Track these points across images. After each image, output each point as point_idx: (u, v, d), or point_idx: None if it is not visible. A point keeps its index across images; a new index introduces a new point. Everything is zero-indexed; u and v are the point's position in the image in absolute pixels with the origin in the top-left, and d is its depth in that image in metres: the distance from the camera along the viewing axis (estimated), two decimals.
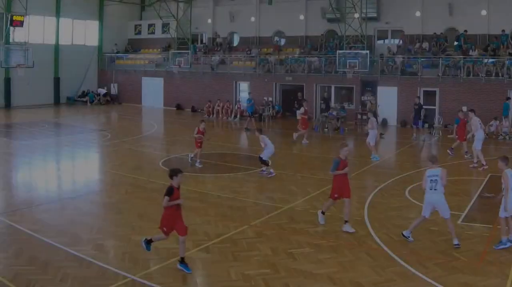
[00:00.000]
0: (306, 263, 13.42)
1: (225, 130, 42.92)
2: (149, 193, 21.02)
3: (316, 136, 37.89)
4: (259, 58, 52.17)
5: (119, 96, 64.34)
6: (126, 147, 32.04)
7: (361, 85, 45.46)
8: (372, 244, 15.04)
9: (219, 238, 15.40)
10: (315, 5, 52.45)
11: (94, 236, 15.53)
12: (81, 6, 62.08)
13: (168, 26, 60.52)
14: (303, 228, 16.40)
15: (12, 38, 50.53)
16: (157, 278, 12.59)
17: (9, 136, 37.04)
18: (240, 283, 12.36)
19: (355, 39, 46.73)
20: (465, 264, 13.49)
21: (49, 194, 21.26)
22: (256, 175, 24.51)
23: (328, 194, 17.27)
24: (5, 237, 15.39)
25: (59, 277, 12.42)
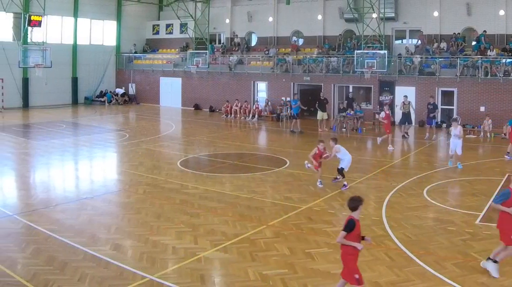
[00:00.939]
0: (324, 263, 13.43)
1: (243, 130, 42.74)
2: (167, 193, 21.01)
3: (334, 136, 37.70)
4: (277, 58, 52.13)
5: (137, 96, 64.47)
6: (144, 147, 32.05)
7: (379, 85, 45.39)
8: (390, 244, 15.03)
9: (237, 238, 15.38)
10: (333, 5, 52.60)
11: (112, 236, 15.58)
12: (99, 6, 62.31)
13: (186, 26, 60.69)
14: (321, 228, 16.39)
15: (30, 38, 50.83)
16: (175, 278, 12.57)
17: (27, 137, 37.14)
18: (258, 283, 12.37)
19: (373, 39, 46.75)
20: None
21: (67, 194, 21.28)
22: (274, 175, 24.52)
23: (346, 194, 17.31)
24: (23, 237, 15.41)
25: (77, 277, 12.46)
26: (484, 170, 24.93)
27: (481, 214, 17.86)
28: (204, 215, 17.71)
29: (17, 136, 36.43)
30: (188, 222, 16.90)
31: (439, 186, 22.23)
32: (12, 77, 53.49)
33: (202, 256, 13.92)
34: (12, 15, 51.91)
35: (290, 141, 36.65)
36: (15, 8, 48.19)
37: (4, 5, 46.01)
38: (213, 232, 15.91)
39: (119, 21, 65.85)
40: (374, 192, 21.34)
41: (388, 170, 25.89)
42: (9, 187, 22.80)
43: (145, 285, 12.20)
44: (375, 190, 21.69)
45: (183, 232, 15.92)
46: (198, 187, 21.88)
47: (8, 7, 46.77)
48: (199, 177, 24.03)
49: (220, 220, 17.25)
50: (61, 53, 56.84)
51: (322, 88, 47.85)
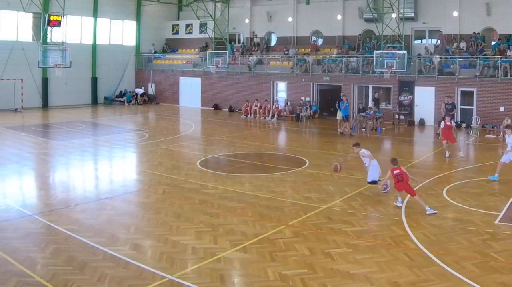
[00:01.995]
0: (344, 263, 13.40)
1: (263, 130, 42.73)
2: (186, 193, 21.03)
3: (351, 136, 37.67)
4: (297, 58, 52.13)
5: (156, 96, 64.59)
6: (164, 147, 32.07)
7: (399, 85, 45.27)
8: (410, 243, 14.98)
9: (257, 238, 15.39)
10: (353, 5, 52.61)
11: (131, 236, 15.62)
12: (118, 6, 62.58)
13: (205, 26, 60.77)
14: (340, 228, 16.36)
15: (49, 38, 50.99)
16: (194, 278, 12.58)
17: (47, 136, 37.33)
18: (278, 283, 12.35)
19: (392, 39, 46.65)
20: (503, 264, 13.39)
21: (86, 194, 21.35)
22: (293, 175, 24.54)
23: (365, 194, 17.39)
24: (43, 237, 15.46)
25: (96, 277, 12.49)
26: (503, 170, 24.73)
27: (501, 214, 17.79)
28: (224, 215, 17.72)
29: (37, 136, 36.58)
30: (208, 222, 16.90)
31: (459, 186, 22.17)
32: (31, 77, 53.75)
33: (221, 256, 13.91)
34: (31, 15, 52.18)
35: (310, 141, 36.74)
36: (35, 8, 48.35)
37: (23, 5, 46.12)
38: (233, 232, 15.92)
39: (138, 21, 66.07)
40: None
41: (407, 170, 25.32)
42: (28, 187, 22.95)
43: (164, 285, 12.19)
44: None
45: (202, 232, 15.93)
46: (218, 187, 21.89)
47: (28, 7, 46.91)
48: (218, 177, 24.05)
49: (239, 220, 17.25)
50: (81, 53, 57.11)
51: (342, 88, 47.82)
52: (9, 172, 24.82)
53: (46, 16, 48.01)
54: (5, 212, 18.11)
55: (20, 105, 51.79)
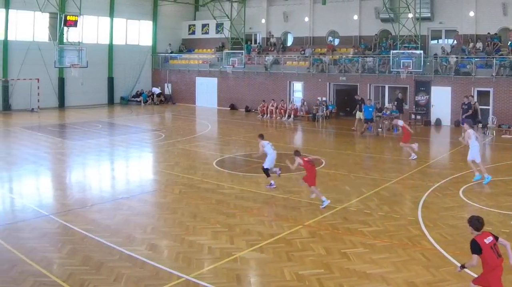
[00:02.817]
0: (360, 263, 13.41)
1: (279, 130, 42.68)
2: (202, 193, 21.08)
3: (369, 136, 37.79)
4: (313, 58, 52.02)
5: (173, 96, 64.65)
6: (180, 147, 32.10)
7: (415, 85, 45.15)
8: (426, 244, 14.99)
9: (273, 238, 15.42)
10: (369, 5, 52.45)
11: (148, 236, 15.68)
12: (135, 6, 62.77)
13: (222, 26, 60.63)
14: (357, 228, 16.37)
15: (66, 38, 50.89)
16: (211, 278, 12.62)
17: (63, 136, 37.51)
18: (294, 283, 12.37)
19: (409, 39, 46.47)
20: None
21: (103, 194, 21.48)
22: None
23: (382, 194, 17.46)
24: (59, 237, 15.51)
25: (113, 277, 12.54)
26: None
27: None
28: (240, 215, 17.77)
29: (53, 136, 36.73)
30: (224, 222, 16.96)
31: (475, 186, 22.14)
32: (48, 77, 53.95)
33: (238, 256, 13.96)
34: (48, 15, 52.33)
35: (326, 141, 36.71)
36: (51, 8, 48.32)
37: (40, 5, 46.18)
38: (249, 232, 15.97)
39: (155, 21, 66.16)
40: (410, 191, 21.38)
41: (424, 170, 25.77)
42: (45, 187, 23.09)
43: (181, 285, 12.24)
44: (411, 189, 21.70)
45: (219, 232, 15.98)
46: (234, 187, 21.98)
47: (44, 7, 46.93)
48: (235, 177, 24.15)
49: (256, 220, 17.32)
50: (97, 53, 57.18)
51: (358, 88, 47.85)
52: (26, 172, 24.95)
53: (63, 16, 47.97)
54: (21, 212, 18.26)
55: (36, 105, 51.93)
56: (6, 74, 51.78)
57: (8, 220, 17.17)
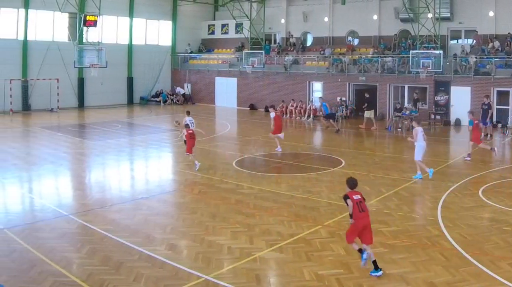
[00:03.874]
0: (380, 263, 13.24)
1: (299, 130, 42.67)
2: (222, 193, 21.09)
3: (389, 136, 37.86)
4: (333, 58, 52.01)
5: (192, 96, 64.76)
6: (200, 147, 31.64)
7: (435, 85, 45.02)
8: (446, 244, 14.95)
9: (293, 238, 15.40)
10: (389, 5, 52.38)
11: (167, 236, 15.70)
12: (154, 6, 62.98)
13: (241, 26, 60.70)
14: (376, 228, 16.13)
15: (85, 38, 51.15)
16: (230, 278, 12.61)
17: (83, 136, 37.63)
18: (314, 283, 12.36)
19: (428, 39, 46.33)
20: None
21: (122, 194, 21.56)
22: (329, 175, 24.59)
23: (401, 194, 18.28)
24: (78, 237, 15.58)
25: (132, 277, 12.57)
26: None
27: None
28: (260, 215, 17.76)
29: (73, 136, 36.90)
30: (244, 222, 16.97)
31: (495, 186, 22.06)
32: (67, 77, 54.25)
33: (257, 256, 13.98)
34: (67, 15, 52.56)
35: (345, 141, 36.67)
36: (71, 8, 48.51)
37: (59, 5, 46.34)
38: (269, 232, 15.96)
39: (174, 21, 66.29)
40: (429, 192, 21.33)
41: (443, 170, 25.74)
42: (64, 187, 23.19)
43: (200, 285, 12.26)
44: (430, 190, 21.65)
45: (238, 232, 16.00)
46: (254, 187, 21.95)
47: (64, 7, 47.11)
48: (254, 177, 24.13)
49: (275, 220, 17.28)
50: (117, 53, 57.42)
51: (378, 88, 47.98)
52: (45, 172, 25.07)
53: (82, 16, 48.18)
54: (41, 212, 18.33)
55: (56, 105, 52.23)
56: (25, 74, 51.98)
57: (27, 220, 17.21)
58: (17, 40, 51.52)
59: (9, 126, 42.36)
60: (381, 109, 47.43)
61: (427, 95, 45.84)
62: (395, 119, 40.52)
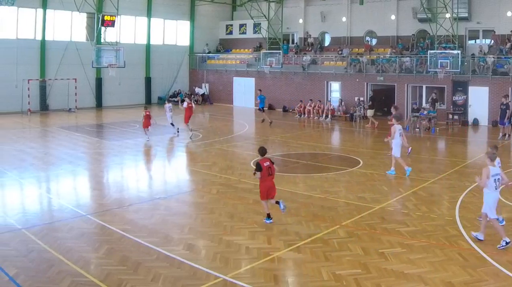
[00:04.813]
0: (398, 263, 13.38)
1: (316, 130, 42.58)
2: (240, 193, 21.14)
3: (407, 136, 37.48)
4: (350, 58, 51.97)
5: (210, 96, 64.83)
6: (217, 147, 32.16)
7: (452, 85, 44.93)
8: (464, 244, 14.92)
9: (310, 238, 15.39)
10: (407, 5, 52.33)
11: (185, 236, 15.72)
12: (172, 6, 63.03)
13: (259, 26, 60.76)
14: (394, 228, 16.33)
15: (103, 38, 51.54)
16: (248, 278, 12.63)
17: (101, 136, 37.70)
18: (332, 283, 12.35)
19: (446, 39, 46.33)
20: None
21: (140, 194, 21.51)
22: (347, 175, 24.52)
23: (419, 194, 18.36)
24: (96, 237, 15.62)
25: (150, 277, 12.59)
26: None
27: None
28: (278, 215, 17.64)
29: (91, 136, 37.03)
30: (261, 222, 16.97)
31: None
32: (85, 77, 54.45)
33: (275, 256, 13.98)
34: (85, 15, 52.51)
35: (364, 141, 36.70)
36: (89, 8, 48.62)
37: (77, 5, 46.31)
38: (286, 232, 15.96)
39: (192, 21, 66.42)
40: (447, 192, 21.24)
41: (461, 170, 25.69)
42: (82, 187, 23.20)
43: (218, 285, 12.26)
44: (448, 190, 21.56)
45: (256, 232, 16.01)
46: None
47: (82, 7, 47.13)
48: None
49: (293, 220, 17.27)
50: (135, 53, 57.58)
51: (396, 88, 48.05)
52: (63, 172, 25.09)
53: (100, 16, 48.31)
54: (59, 212, 18.36)
55: (74, 105, 52.39)
56: (43, 75, 52.14)
57: (45, 220, 17.27)
58: (35, 40, 51.64)
59: (27, 126, 42.57)
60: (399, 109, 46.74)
61: (445, 95, 45.76)
62: (413, 120, 40.39)
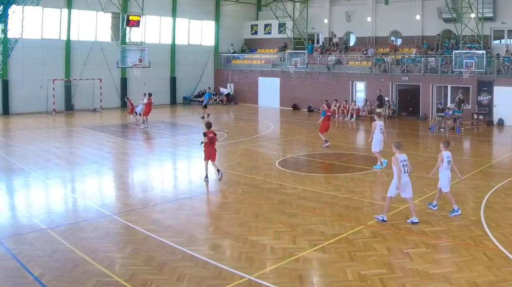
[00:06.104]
0: (423, 263, 13.34)
1: (341, 130, 42.47)
2: (265, 193, 21.10)
3: (432, 136, 37.79)
4: (375, 58, 51.97)
5: (235, 96, 64.84)
6: (242, 147, 32.16)
7: (477, 85, 44.75)
8: (489, 244, 14.85)
9: (335, 238, 15.39)
10: (431, 5, 52.13)
11: (210, 236, 15.77)
12: (197, 6, 63.18)
13: (284, 26, 60.89)
14: (419, 228, 16.29)
15: (128, 38, 51.89)
16: (273, 278, 12.62)
17: (125, 136, 37.83)
18: (357, 283, 12.34)
19: (471, 39, 46.23)
20: None
21: (165, 194, 21.57)
22: (372, 175, 24.55)
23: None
24: (121, 237, 15.69)
25: (175, 277, 12.60)
26: None
27: None
28: (302, 215, 17.74)
29: (116, 136, 37.13)
30: (287, 222, 16.96)
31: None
32: (110, 77, 54.74)
33: (300, 256, 13.96)
34: (110, 15, 53.05)
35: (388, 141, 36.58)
36: (114, 8, 49.11)
37: (102, 6, 46.77)
38: (311, 232, 15.96)
39: (217, 21, 66.49)
40: (472, 192, 21.20)
41: (486, 170, 25.65)
42: (107, 187, 23.37)
43: (243, 285, 12.28)
44: (473, 190, 21.51)
45: (281, 232, 15.99)
46: (297, 187, 21.93)
47: (107, 7, 47.56)
48: (297, 177, 24.10)
49: (318, 220, 17.29)
50: (159, 53, 57.82)
51: (421, 88, 47.93)
52: (88, 172, 25.23)
53: (125, 16, 48.68)
54: (84, 212, 18.45)
55: (99, 105, 52.59)
56: (68, 75, 52.42)
57: (70, 220, 17.35)
58: (60, 40, 51.86)
59: (52, 126, 42.77)
60: (424, 109, 47.48)
61: (470, 95, 45.58)
62: (438, 120, 40.17)
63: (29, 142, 33.65)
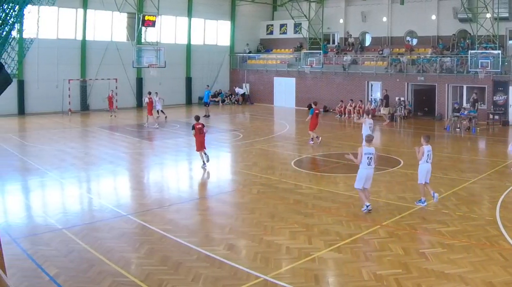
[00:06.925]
0: (438, 263, 13.33)
1: (357, 130, 41.63)
2: (281, 193, 21.10)
3: (447, 136, 37.70)
4: (391, 58, 51.92)
5: (251, 96, 64.90)
6: (258, 147, 32.17)
7: (493, 85, 44.64)
8: (504, 244, 14.84)
9: (351, 238, 15.41)
10: (447, 5, 51.97)
11: (226, 236, 15.76)
12: (213, 6, 63.23)
13: (300, 26, 60.85)
14: (435, 228, 16.29)
15: (144, 38, 51.98)
16: (289, 278, 12.63)
17: (141, 137, 37.75)
18: (372, 283, 12.35)
19: (487, 39, 46.08)
20: None
21: (180, 194, 21.68)
22: (388, 175, 24.49)
23: (460, 194, 18.52)
24: (137, 237, 15.70)
25: (190, 277, 12.63)
26: None
27: None
28: (318, 215, 17.76)
29: (131, 136, 37.16)
30: (302, 222, 16.97)
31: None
32: (126, 77, 54.85)
33: (316, 256, 13.98)
34: (126, 15, 53.10)
35: (404, 141, 36.63)
36: (129, 8, 49.25)
37: (118, 6, 46.91)
38: (327, 232, 15.97)
39: (233, 21, 66.54)
40: (488, 192, 21.16)
41: (502, 170, 25.56)
42: (123, 187, 23.40)
43: (259, 285, 12.30)
44: (489, 190, 21.47)
45: (297, 232, 16.00)
46: (312, 187, 21.97)
47: (122, 7, 47.65)
48: (313, 177, 24.26)
49: (334, 220, 17.29)
50: (175, 53, 57.82)
51: (436, 88, 47.86)
52: (104, 172, 25.34)
53: (141, 16, 48.76)
54: (99, 212, 18.54)
55: (114, 105, 52.08)
56: (84, 75, 52.59)
57: (86, 220, 17.43)
58: (75, 40, 52.03)
59: (68, 126, 42.93)
60: (440, 109, 47.45)
61: (485, 95, 45.50)
62: (453, 120, 40.25)
63: (44, 142, 33.78)
